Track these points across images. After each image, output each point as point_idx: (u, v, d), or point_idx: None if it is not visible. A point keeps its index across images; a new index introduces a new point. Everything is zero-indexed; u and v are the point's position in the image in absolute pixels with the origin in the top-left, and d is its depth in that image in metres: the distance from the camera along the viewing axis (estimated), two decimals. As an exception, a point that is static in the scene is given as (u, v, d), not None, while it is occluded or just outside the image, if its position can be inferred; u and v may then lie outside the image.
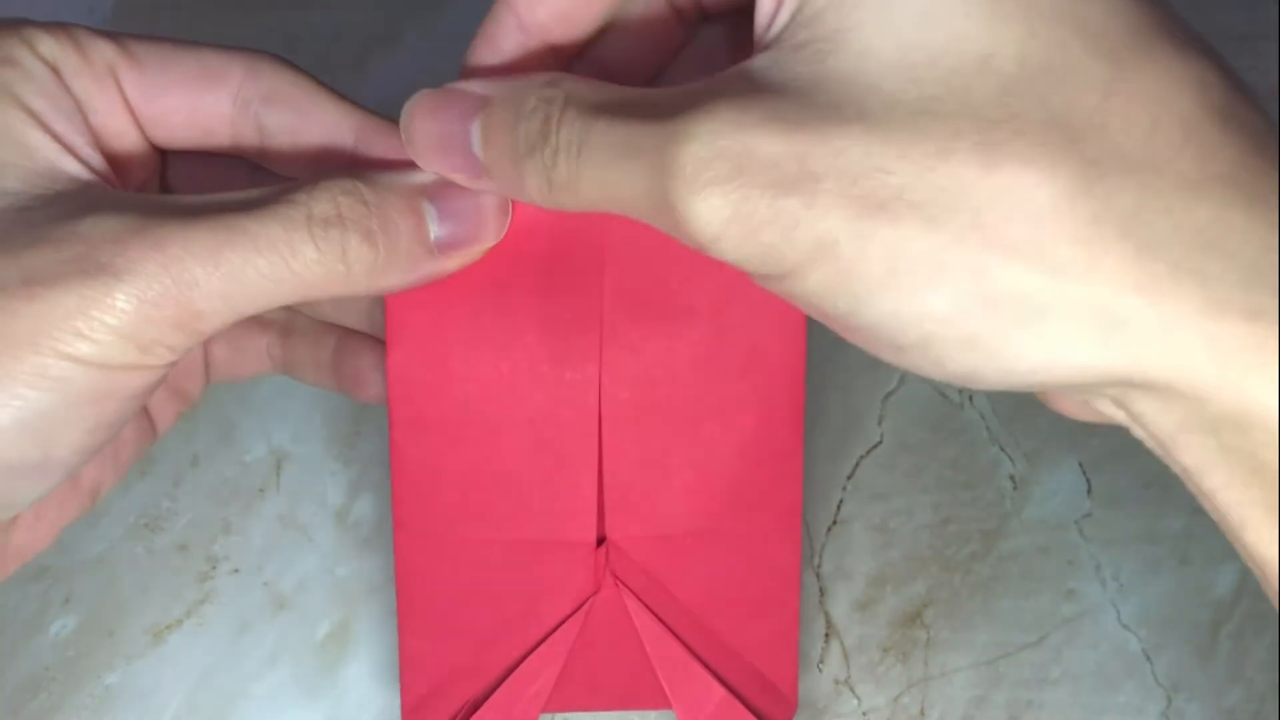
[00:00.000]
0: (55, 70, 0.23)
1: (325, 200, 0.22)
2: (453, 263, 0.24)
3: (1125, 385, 0.18)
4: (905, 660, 0.34)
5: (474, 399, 0.26)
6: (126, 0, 0.39)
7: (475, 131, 0.23)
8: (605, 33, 0.25)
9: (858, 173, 0.18)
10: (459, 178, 0.23)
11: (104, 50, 0.24)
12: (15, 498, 0.23)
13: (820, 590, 0.35)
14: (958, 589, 0.35)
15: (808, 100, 0.18)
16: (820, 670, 0.34)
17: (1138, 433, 0.19)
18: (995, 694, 0.34)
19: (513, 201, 0.24)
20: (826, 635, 0.35)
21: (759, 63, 0.19)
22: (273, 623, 0.34)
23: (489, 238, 0.24)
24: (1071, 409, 0.21)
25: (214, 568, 0.34)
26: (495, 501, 0.27)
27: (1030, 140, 0.17)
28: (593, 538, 0.27)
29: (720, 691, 0.28)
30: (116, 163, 0.25)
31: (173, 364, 0.22)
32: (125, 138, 0.25)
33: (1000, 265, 0.17)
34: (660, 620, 0.28)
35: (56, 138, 0.23)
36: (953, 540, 0.35)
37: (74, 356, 0.21)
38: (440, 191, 0.24)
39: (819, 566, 0.35)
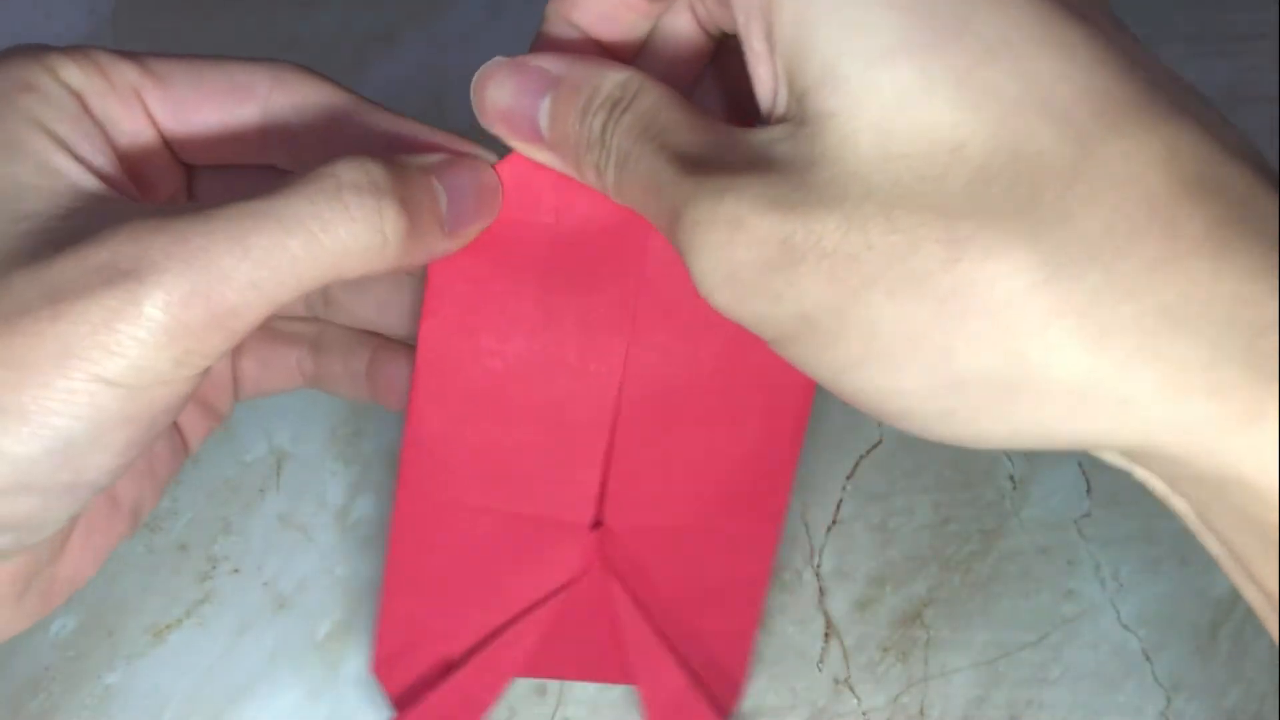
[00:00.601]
0: (78, 95, 0.23)
1: (355, 168, 0.22)
2: (456, 242, 0.24)
3: (1102, 451, 0.18)
4: (905, 660, 0.34)
5: (499, 375, 0.26)
6: (126, 1, 0.39)
7: (543, 109, 0.23)
8: (646, 48, 0.26)
9: (835, 258, 0.18)
10: (523, 147, 0.24)
11: (127, 72, 0.24)
12: (46, 519, 0.22)
13: (820, 590, 0.35)
14: (957, 589, 0.35)
15: (800, 180, 0.19)
16: (820, 670, 0.34)
17: (1138, 477, 0.19)
18: (995, 694, 0.34)
19: (569, 194, 0.25)
20: (826, 635, 0.35)
21: (768, 135, 0.20)
22: (273, 623, 0.34)
23: (489, 216, 0.25)
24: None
25: (214, 568, 0.34)
26: (501, 474, 0.27)
27: (994, 233, 0.17)
28: (589, 520, 0.28)
29: (682, 679, 0.30)
30: (143, 183, 0.25)
31: (206, 372, 0.22)
32: (152, 158, 0.25)
33: (966, 350, 0.18)
34: (638, 605, 0.29)
35: (80, 160, 0.22)
36: (952, 540, 0.35)
37: (104, 377, 0.20)
38: (445, 171, 0.24)
39: (819, 566, 0.35)
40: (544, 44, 0.25)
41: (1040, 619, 0.35)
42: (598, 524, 0.28)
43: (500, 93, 0.23)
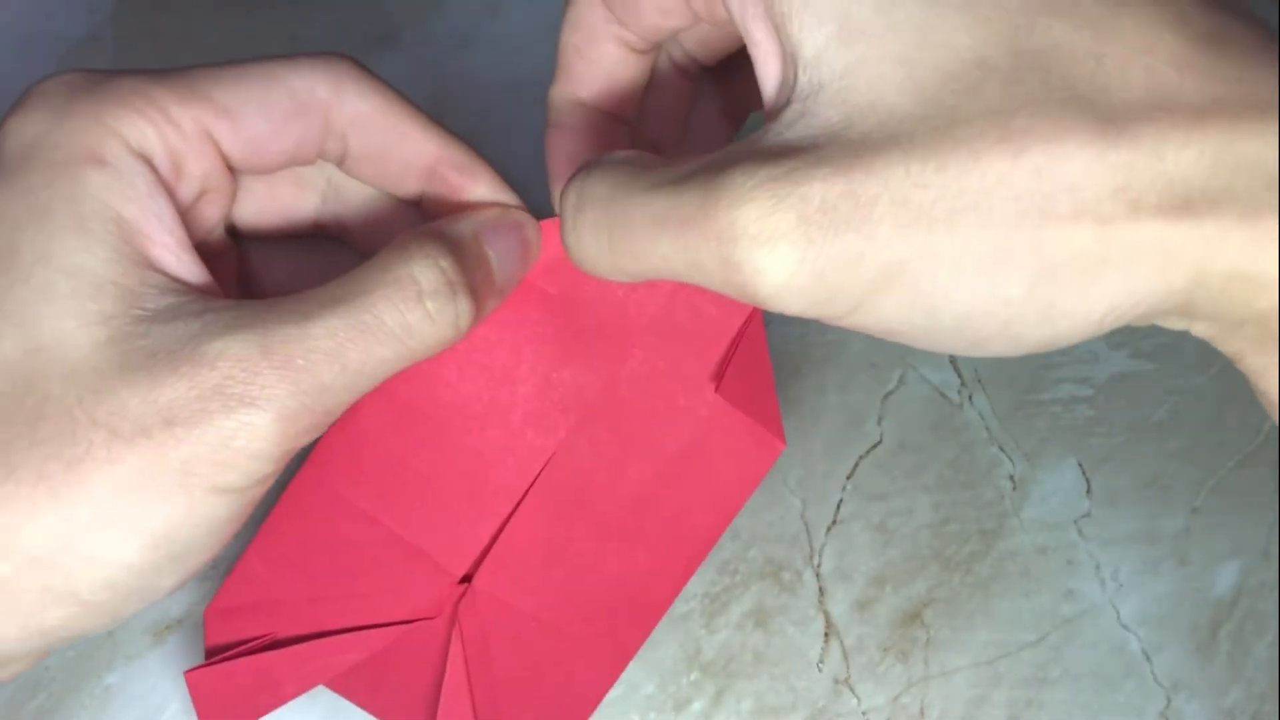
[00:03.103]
0: (149, 162, 0.23)
1: (431, 271, 0.23)
2: (504, 299, 0.26)
3: (1186, 302, 0.19)
4: (905, 660, 0.34)
5: (444, 405, 0.27)
6: (126, 1, 0.39)
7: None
8: (642, 109, 0.27)
9: (906, 194, 0.19)
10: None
11: (197, 115, 0.23)
12: (141, 607, 0.23)
13: (820, 590, 0.35)
14: (957, 589, 0.35)
15: (841, 140, 0.19)
16: (820, 670, 0.34)
17: (1195, 331, 0.20)
18: (995, 694, 0.34)
19: (583, 276, 0.26)
20: (826, 635, 0.35)
21: (786, 118, 0.20)
22: (273, 623, 0.34)
23: (529, 267, 0.26)
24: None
25: (214, 567, 0.34)
26: (402, 495, 0.28)
27: (1045, 120, 0.18)
28: (461, 573, 0.28)
29: None
30: (200, 227, 0.25)
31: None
32: (214, 195, 0.25)
33: (1055, 236, 0.18)
34: (468, 672, 0.29)
35: (148, 250, 0.22)
36: (952, 540, 0.35)
37: (219, 487, 0.21)
38: (494, 234, 0.25)
39: (819, 566, 0.35)
40: (555, 134, 0.26)
41: (1040, 619, 0.35)
42: (466, 580, 0.29)
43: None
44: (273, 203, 0.27)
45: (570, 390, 0.27)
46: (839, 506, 0.36)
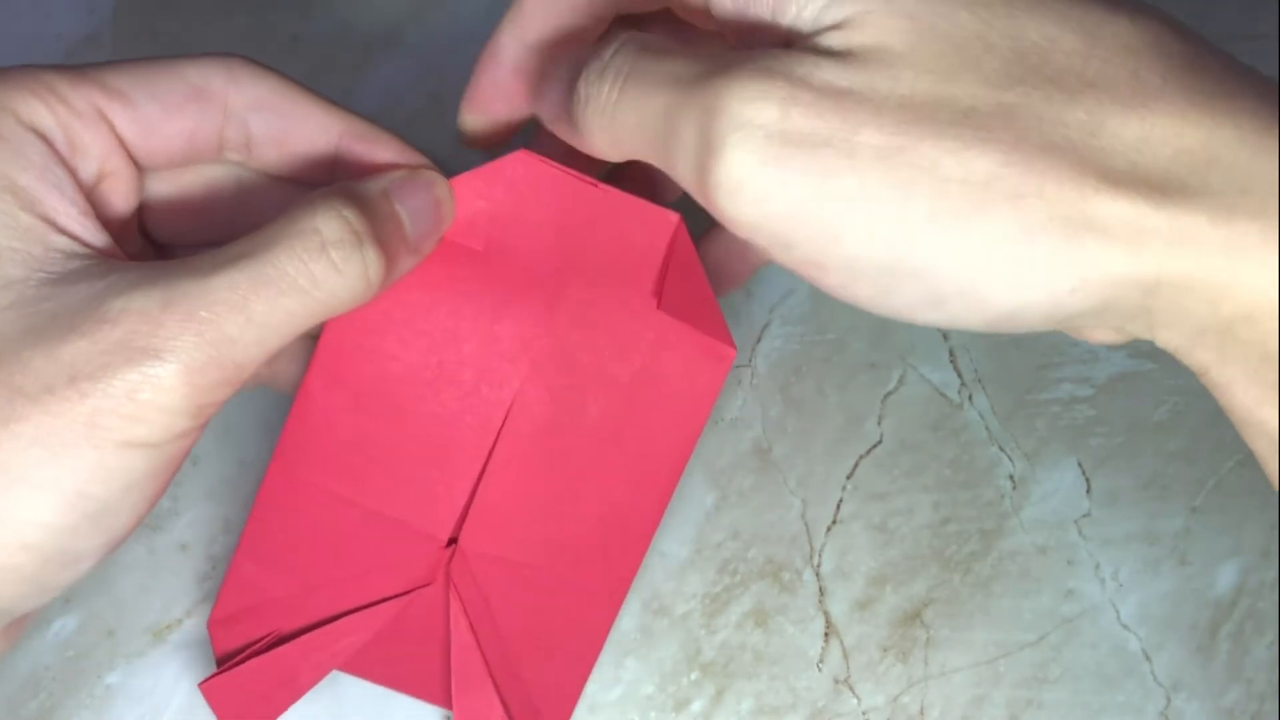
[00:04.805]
0: (44, 137, 0.23)
1: (334, 222, 0.23)
2: (420, 257, 0.26)
3: (1151, 296, 0.19)
4: (905, 660, 0.34)
5: (394, 378, 0.28)
6: (126, 1, 0.39)
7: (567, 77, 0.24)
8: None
9: (895, 127, 0.19)
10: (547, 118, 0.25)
11: (88, 95, 0.24)
12: (73, 576, 0.23)
13: (820, 590, 0.35)
14: (957, 588, 0.35)
15: (843, 65, 0.20)
16: (820, 669, 0.34)
17: (1160, 341, 0.20)
18: (995, 693, 0.34)
19: (505, 228, 0.26)
20: (826, 634, 0.35)
21: (800, 42, 0.21)
22: (273, 622, 0.34)
23: (446, 226, 0.26)
24: (1101, 335, 0.22)
25: (214, 568, 0.34)
26: (372, 472, 0.28)
27: (1037, 99, 0.19)
28: (445, 536, 0.29)
29: (499, 714, 0.30)
30: (105, 209, 0.25)
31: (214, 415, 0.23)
32: (116, 179, 0.25)
33: (1036, 191, 0.19)
34: (473, 630, 0.30)
35: (49, 216, 0.23)
36: (952, 540, 0.35)
37: (131, 441, 0.21)
38: (404, 192, 0.25)
39: (819, 566, 0.35)
40: (490, 65, 0.27)
41: (1040, 619, 0.35)
42: (453, 542, 0.29)
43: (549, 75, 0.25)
44: (185, 213, 0.27)
45: (515, 340, 0.27)
46: (839, 506, 0.36)
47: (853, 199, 0.19)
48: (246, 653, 0.30)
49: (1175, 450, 0.36)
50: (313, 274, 0.22)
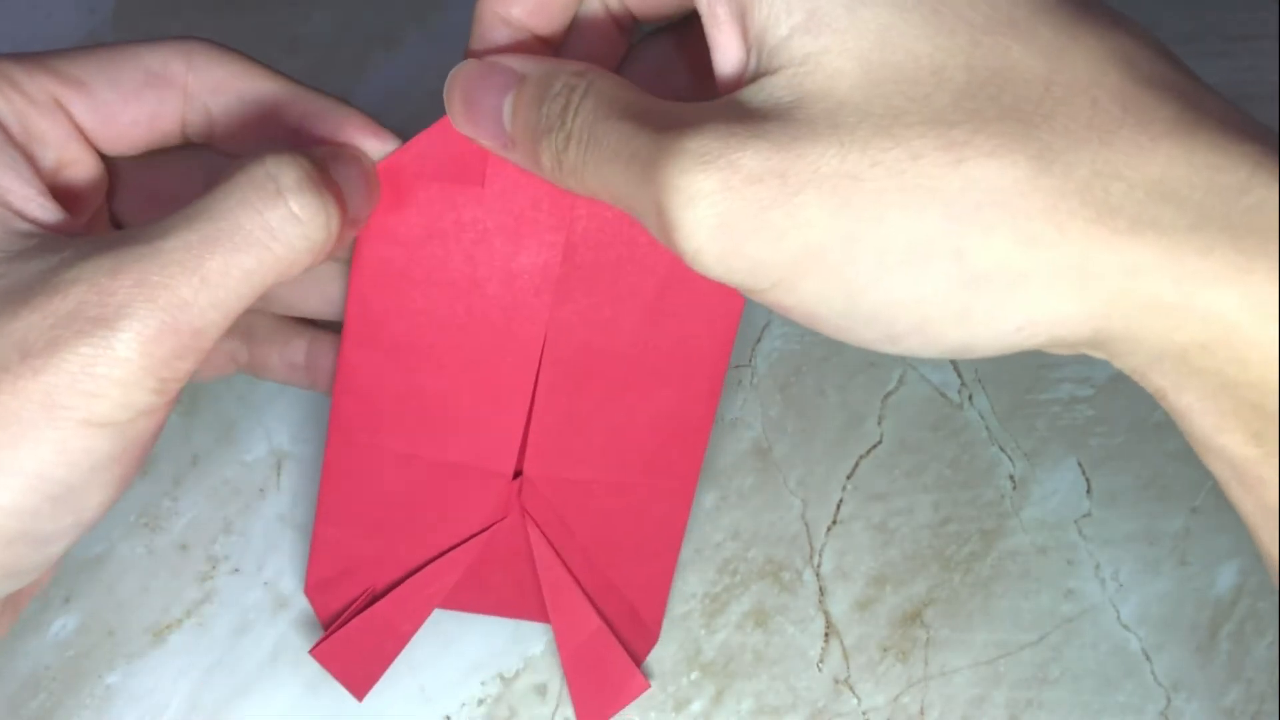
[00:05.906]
0: None
1: (289, 166, 0.22)
2: (357, 230, 0.25)
3: (1103, 328, 0.19)
4: (905, 660, 0.34)
5: (427, 330, 0.28)
6: (126, 1, 0.39)
7: (507, 106, 0.23)
8: (566, 42, 0.26)
9: (836, 182, 0.19)
10: (489, 145, 0.24)
11: (44, 84, 0.24)
12: (46, 560, 0.23)
13: (820, 590, 0.35)
14: (957, 589, 0.35)
15: (788, 120, 0.20)
16: (820, 669, 0.34)
17: (1117, 364, 0.20)
18: (995, 693, 0.34)
19: (501, 160, 0.26)
20: (826, 634, 0.35)
21: (737, 95, 0.21)
22: (273, 623, 0.34)
23: (372, 206, 0.25)
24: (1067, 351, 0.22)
25: (214, 568, 0.34)
26: (427, 424, 0.29)
27: (988, 135, 0.19)
28: (510, 470, 0.30)
29: (596, 621, 0.32)
30: (70, 190, 0.25)
31: (181, 390, 0.22)
32: (77, 164, 0.25)
33: (979, 245, 0.19)
34: (555, 551, 0.31)
35: (4, 198, 0.22)
36: (952, 540, 0.35)
37: (92, 420, 0.21)
38: (334, 161, 0.24)
39: (819, 566, 0.35)
40: (480, 43, 0.25)
41: (1040, 619, 0.35)
42: (518, 474, 0.30)
43: (468, 93, 0.24)
44: (157, 198, 0.27)
45: (535, 273, 0.27)
46: (839, 506, 0.36)
47: (799, 259, 0.19)
48: (347, 612, 0.31)
49: (1175, 450, 0.36)
50: (270, 225, 0.21)
